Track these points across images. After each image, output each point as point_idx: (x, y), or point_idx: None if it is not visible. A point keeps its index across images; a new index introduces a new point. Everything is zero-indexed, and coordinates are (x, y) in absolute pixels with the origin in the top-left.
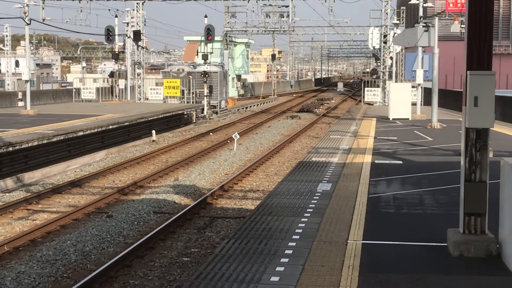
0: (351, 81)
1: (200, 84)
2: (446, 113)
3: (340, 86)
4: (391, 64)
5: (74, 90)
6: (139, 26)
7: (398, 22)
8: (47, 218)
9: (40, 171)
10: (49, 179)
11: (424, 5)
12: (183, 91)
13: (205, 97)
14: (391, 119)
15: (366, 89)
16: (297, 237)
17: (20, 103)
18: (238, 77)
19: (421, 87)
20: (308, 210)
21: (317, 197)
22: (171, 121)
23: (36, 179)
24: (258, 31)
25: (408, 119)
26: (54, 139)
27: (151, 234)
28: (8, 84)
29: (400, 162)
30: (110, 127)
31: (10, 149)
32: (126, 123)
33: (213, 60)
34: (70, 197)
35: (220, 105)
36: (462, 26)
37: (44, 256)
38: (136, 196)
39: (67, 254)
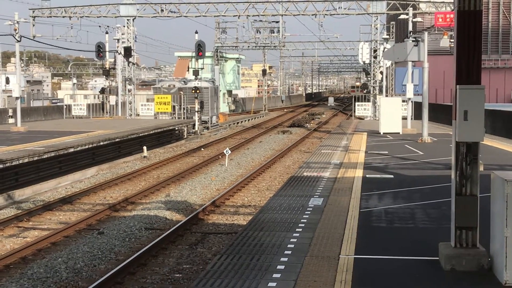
0: (342, 95)
1: (191, 99)
2: (436, 127)
3: (331, 100)
4: (381, 78)
5: (64, 107)
6: (130, 42)
7: (387, 37)
8: (38, 235)
9: (30, 188)
10: (40, 196)
11: (414, 20)
12: (174, 107)
13: (196, 113)
14: (382, 133)
15: (356, 103)
16: (289, 252)
17: (11, 120)
18: (229, 92)
19: (411, 101)
20: (300, 225)
21: (309, 212)
22: (162, 137)
23: (27, 196)
24: (248, 46)
25: (398, 133)
26: (45, 156)
27: (143, 251)
28: None
29: (391, 176)
30: (101, 143)
31: (1, 166)
32: (117, 139)
33: (204, 76)
34: (61, 214)
35: (211, 121)
36: (451, 40)
37: (35, 273)
38: (128, 212)
39: (58, 271)
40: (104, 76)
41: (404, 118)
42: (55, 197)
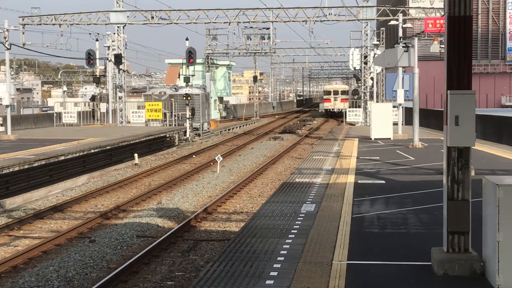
0: None
1: (182, 106)
2: (427, 132)
3: (322, 107)
4: (372, 84)
5: (55, 115)
6: (120, 50)
7: (378, 43)
8: (29, 244)
9: (21, 197)
10: (31, 204)
11: (404, 26)
12: (165, 114)
13: (187, 120)
14: (373, 139)
15: (347, 109)
16: (282, 258)
17: (1, 128)
18: (220, 99)
19: (402, 107)
20: (292, 231)
21: (301, 218)
22: (153, 144)
23: (18, 204)
24: (239, 53)
25: (390, 139)
26: (36, 164)
27: (135, 259)
28: None
29: (383, 181)
30: (92, 151)
31: None
32: (108, 147)
33: (195, 83)
34: (52, 223)
35: (202, 128)
36: (442, 46)
37: (27, 282)
38: (119, 220)
39: (50, 280)
40: (95, 84)
41: (395, 124)
42: (46, 206)
